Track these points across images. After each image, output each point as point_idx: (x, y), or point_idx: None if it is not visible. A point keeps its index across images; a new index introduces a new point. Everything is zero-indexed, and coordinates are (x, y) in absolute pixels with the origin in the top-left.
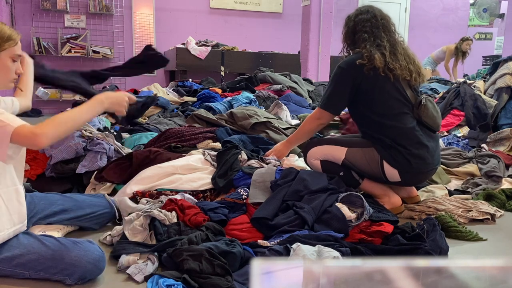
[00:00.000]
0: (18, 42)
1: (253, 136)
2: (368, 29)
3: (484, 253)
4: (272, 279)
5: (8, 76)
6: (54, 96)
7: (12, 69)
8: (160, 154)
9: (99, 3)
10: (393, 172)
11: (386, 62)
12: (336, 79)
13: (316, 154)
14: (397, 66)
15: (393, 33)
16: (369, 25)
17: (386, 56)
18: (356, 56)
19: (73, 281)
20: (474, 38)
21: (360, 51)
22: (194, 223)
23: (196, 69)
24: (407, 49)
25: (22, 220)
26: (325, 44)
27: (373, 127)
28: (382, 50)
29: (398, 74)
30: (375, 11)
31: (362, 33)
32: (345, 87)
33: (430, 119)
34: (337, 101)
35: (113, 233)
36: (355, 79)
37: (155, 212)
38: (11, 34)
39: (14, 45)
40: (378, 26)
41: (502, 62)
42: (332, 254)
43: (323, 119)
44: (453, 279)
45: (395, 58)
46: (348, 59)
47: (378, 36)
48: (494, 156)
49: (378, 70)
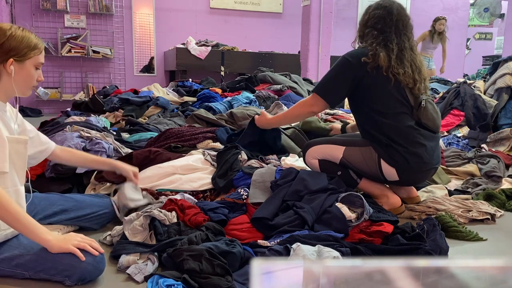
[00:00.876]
0: (42, 50)
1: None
2: (380, 27)
3: (484, 253)
4: (272, 279)
5: (30, 83)
6: (54, 96)
7: (35, 76)
8: (160, 154)
9: (99, 3)
10: (391, 170)
11: (390, 64)
12: (338, 69)
13: (315, 153)
14: (401, 71)
15: (406, 36)
16: (382, 23)
17: (392, 59)
18: (362, 51)
19: (73, 282)
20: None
21: (367, 47)
22: (194, 223)
23: (196, 69)
24: (415, 56)
25: None
26: (325, 44)
27: (371, 124)
28: (389, 52)
29: (401, 80)
30: (394, 9)
31: (372, 30)
32: (345, 79)
33: (430, 121)
34: (334, 91)
35: (113, 233)
36: (357, 74)
37: (155, 212)
38: (37, 43)
39: (39, 53)
40: (391, 26)
41: (502, 62)
42: (332, 254)
43: (315, 106)
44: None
45: (400, 63)
46: (354, 52)
47: (387, 37)
48: (494, 156)
49: (381, 69)
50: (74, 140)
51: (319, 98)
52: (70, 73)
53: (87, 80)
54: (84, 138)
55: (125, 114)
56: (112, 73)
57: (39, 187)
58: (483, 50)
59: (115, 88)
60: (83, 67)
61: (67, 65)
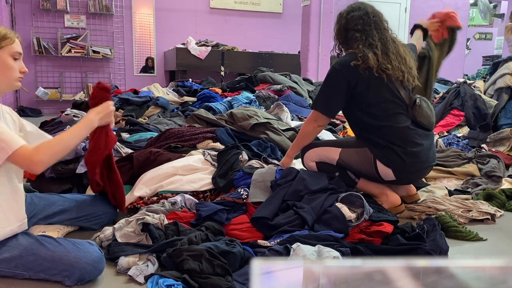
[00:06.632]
0: (15, 40)
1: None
2: (360, 27)
3: (484, 253)
4: (272, 279)
5: (12, 75)
6: (54, 96)
7: (15, 67)
8: (160, 155)
9: (99, 3)
10: (387, 171)
11: (379, 62)
12: (331, 80)
13: (312, 156)
14: (389, 66)
15: (385, 30)
16: (361, 22)
17: (378, 55)
18: (349, 57)
19: (73, 282)
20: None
21: (354, 52)
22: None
23: (196, 69)
24: (399, 47)
25: (20, 219)
26: (325, 44)
27: (367, 129)
28: (374, 50)
29: (391, 74)
30: (367, 7)
31: (354, 32)
32: (340, 89)
33: (425, 118)
34: (331, 103)
35: (102, 236)
36: (350, 80)
37: (148, 218)
38: (7, 33)
39: (11, 43)
40: (370, 23)
41: (502, 62)
42: (332, 254)
43: (319, 121)
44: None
45: (387, 57)
46: (342, 60)
47: (370, 35)
48: (494, 156)
49: (372, 70)
50: None
51: (318, 113)
52: (70, 73)
53: (87, 80)
54: (84, 138)
55: (125, 114)
56: (112, 73)
57: (39, 187)
58: (483, 50)
59: (115, 88)
60: (83, 67)
61: (67, 65)
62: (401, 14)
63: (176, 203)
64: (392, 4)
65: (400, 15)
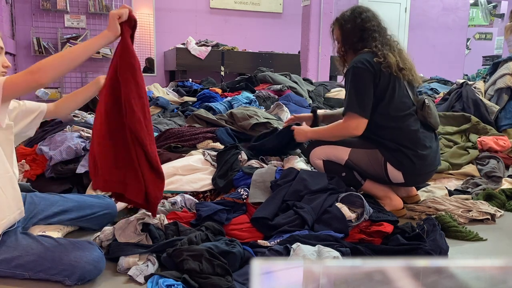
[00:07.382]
0: None
1: None
2: (376, 28)
3: (484, 253)
4: (272, 279)
5: None
6: (54, 96)
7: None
8: (160, 155)
9: (99, 3)
10: (397, 174)
11: (397, 61)
12: (358, 79)
13: (319, 154)
14: (404, 66)
15: (388, 33)
16: (376, 23)
17: (396, 55)
18: (368, 56)
19: (73, 281)
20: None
21: (370, 50)
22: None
23: (196, 69)
24: (401, 49)
25: (20, 206)
26: (325, 44)
27: (377, 130)
28: (391, 49)
29: (406, 74)
30: (372, 10)
31: (372, 32)
32: (368, 86)
33: (434, 119)
34: (367, 103)
35: (101, 236)
36: (375, 76)
37: (147, 218)
38: None
39: None
40: (380, 24)
41: (502, 62)
42: (332, 254)
43: (360, 128)
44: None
45: (401, 59)
46: (361, 58)
47: (385, 35)
48: (494, 157)
49: (392, 69)
50: (74, 140)
51: (361, 119)
52: (70, 73)
53: (87, 80)
54: (84, 138)
55: None
56: None
57: (39, 187)
58: (483, 50)
59: None
60: (83, 67)
61: None
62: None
63: (176, 203)
64: (392, 4)
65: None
